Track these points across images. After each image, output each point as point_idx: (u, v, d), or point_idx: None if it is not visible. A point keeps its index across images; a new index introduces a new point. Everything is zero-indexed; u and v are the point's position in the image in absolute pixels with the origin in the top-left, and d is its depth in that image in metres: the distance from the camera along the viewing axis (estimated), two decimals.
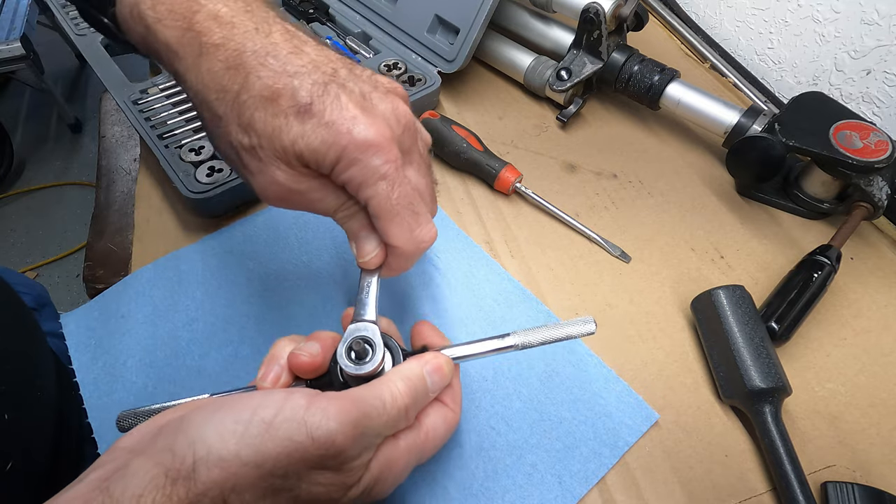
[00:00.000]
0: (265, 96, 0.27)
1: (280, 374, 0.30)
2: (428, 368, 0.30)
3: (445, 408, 0.31)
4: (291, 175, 0.29)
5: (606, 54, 0.57)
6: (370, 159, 0.28)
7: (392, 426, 0.27)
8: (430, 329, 0.34)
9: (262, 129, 0.28)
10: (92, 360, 0.41)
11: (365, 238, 0.31)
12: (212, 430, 0.24)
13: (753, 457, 0.38)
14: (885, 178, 0.47)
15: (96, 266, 0.48)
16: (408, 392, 0.28)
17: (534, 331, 0.32)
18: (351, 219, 0.31)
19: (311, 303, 0.44)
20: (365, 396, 0.26)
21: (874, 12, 0.55)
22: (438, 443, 0.30)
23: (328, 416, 0.24)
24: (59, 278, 1.71)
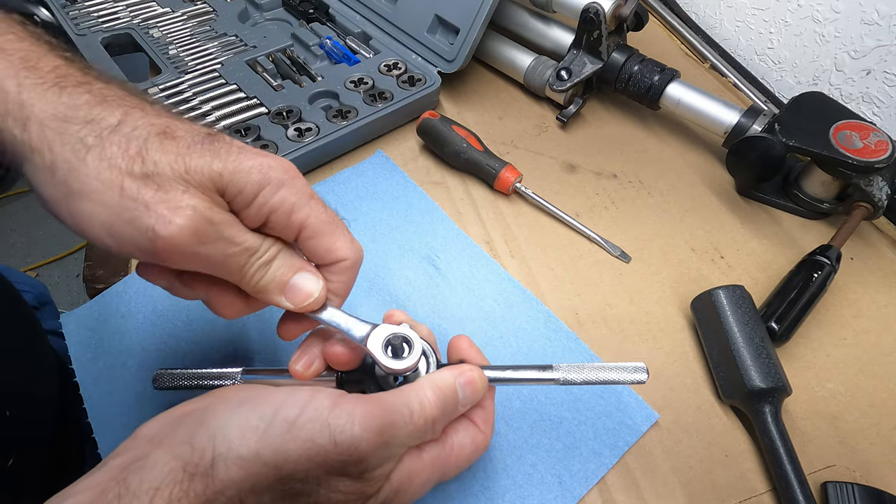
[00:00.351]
0: (157, 131, 0.25)
1: (313, 360, 0.30)
2: (461, 380, 0.28)
3: (475, 428, 0.30)
4: (204, 201, 0.24)
5: (606, 54, 0.57)
6: (296, 181, 0.27)
7: (418, 437, 0.26)
8: (469, 344, 0.33)
9: (159, 157, 0.24)
10: (92, 360, 0.41)
11: (303, 276, 0.28)
12: (233, 426, 0.23)
13: (753, 457, 0.38)
14: (885, 178, 0.47)
15: (96, 266, 0.48)
16: (437, 402, 0.27)
17: (579, 368, 0.30)
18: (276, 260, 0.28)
19: None
20: (393, 402, 0.25)
21: (874, 12, 0.55)
22: (463, 463, 0.29)
23: (353, 420, 0.24)
24: (59, 278, 1.71)
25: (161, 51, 0.62)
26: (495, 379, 0.31)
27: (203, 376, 0.32)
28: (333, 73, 0.59)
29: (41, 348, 0.46)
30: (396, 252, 0.48)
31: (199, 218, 0.24)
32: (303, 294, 0.28)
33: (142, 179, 0.24)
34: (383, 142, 0.58)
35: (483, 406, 0.31)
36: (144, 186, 0.24)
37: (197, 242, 0.24)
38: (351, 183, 0.53)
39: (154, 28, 0.65)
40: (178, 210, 0.24)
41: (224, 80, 0.58)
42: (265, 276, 0.27)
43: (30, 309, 0.49)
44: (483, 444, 0.30)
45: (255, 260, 0.27)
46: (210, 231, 0.25)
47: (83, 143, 0.24)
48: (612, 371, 0.30)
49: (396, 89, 0.58)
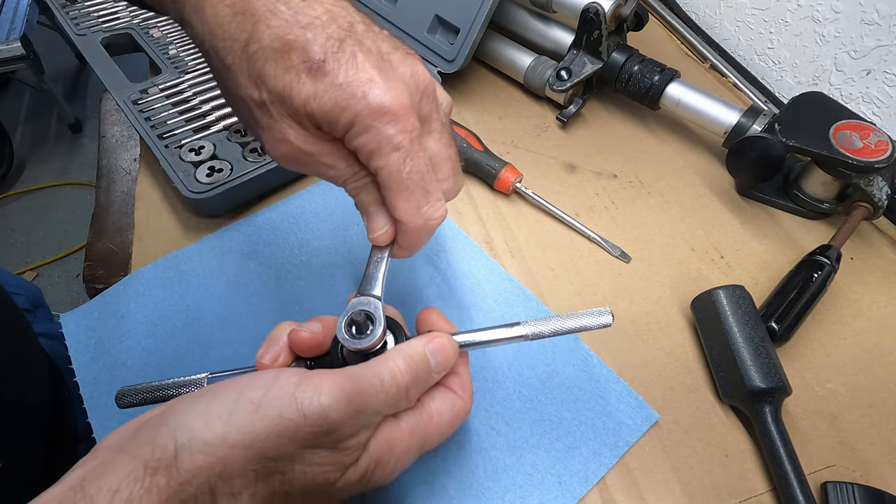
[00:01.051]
0: (276, 48, 0.25)
1: (279, 352, 0.29)
2: (431, 347, 0.28)
3: (453, 394, 0.29)
4: (302, 136, 0.27)
5: (606, 54, 0.57)
6: (384, 127, 0.26)
7: (391, 405, 0.26)
8: (437, 315, 0.32)
9: (272, 85, 0.25)
10: (92, 360, 0.41)
11: (375, 213, 0.29)
12: (195, 416, 0.22)
13: (753, 457, 0.38)
14: (885, 178, 0.47)
15: (96, 266, 0.48)
16: (408, 370, 0.26)
17: (546, 320, 0.30)
18: (362, 191, 0.29)
19: (310, 302, 0.44)
20: (362, 373, 0.25)
21: (874, 12, 0.55)
22: (444, 429, 0.28)
23: (321, 391, 0.23)
24: (59, 278, 1.71)
25: (161, 51, 0.62)
26: (466, 343, 0.30)
27: (167, 386, 0.31)
28: None
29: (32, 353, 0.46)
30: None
31: (295, 150, 0.27)
32: (373, 226, 0.30)
33: (259, 106, 0.27)
34: None
35: (457, 372, 0.30)
36: (262, 112, 0.27)
37: (297, 164, 0.28)
38: None
39: (154, 28, 0.65)
40: (280, 141, 0.27)
41: None
42: (356, 198, 0.30)
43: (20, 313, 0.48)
44: (463, 410, 0.29)
45: (347, 185, 0.29)
46: (305, 159, 0.28)
47: (225, 62, 0.26)
48: (577, 318, 0.30)
49: None
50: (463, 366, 0.31)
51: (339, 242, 0.48)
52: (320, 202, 0.51)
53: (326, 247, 0.48)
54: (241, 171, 0.49)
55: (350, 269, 0.46)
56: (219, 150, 0.51)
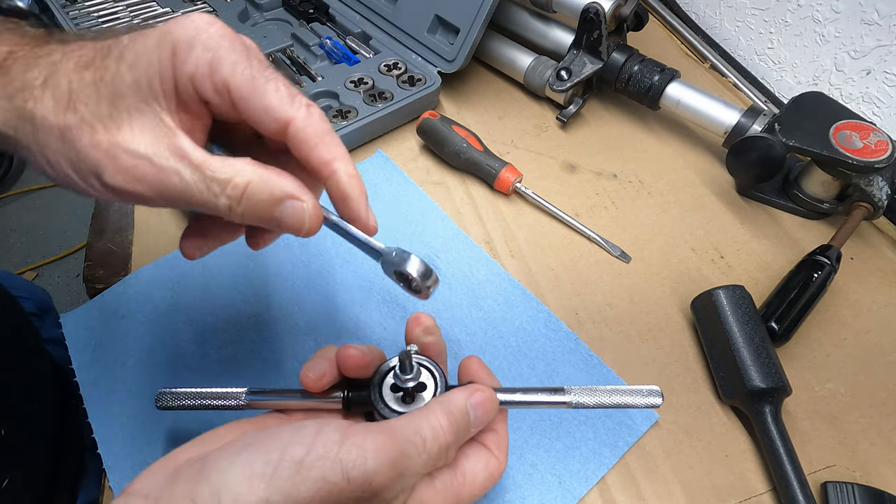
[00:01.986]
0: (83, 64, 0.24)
1: (325, 369, 0.29)
2: (472, 401, 0.27)
3: (488, 452, 0.29)
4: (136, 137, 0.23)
5: (606, 54, 0.57)
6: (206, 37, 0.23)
7: (431, 465, 0.25)
8: (479, 365, 0.31)
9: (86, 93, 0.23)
10: (92, 360, 0.41)
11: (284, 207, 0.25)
12: (237, 476, 0.22)
13: (753, 457, 0.38)
14: (885, 178, 0.47)
15: (96, 266, 0.48)
16: (450, 428, 0.26)
17: (591, 391, 0.30)
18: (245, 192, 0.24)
19: (310, 303, 0.44)
20: (404, 431, 0.24)
21: (874, 12, 0.55)
22: (478, 491, 0.28)
23: (365, 454, 0.23)
24: (59, 278, 1.71)
25: None
26: (506, 402, 0.30)
27: (206, 395, 0.31)
28: (333, 73, 0.59)
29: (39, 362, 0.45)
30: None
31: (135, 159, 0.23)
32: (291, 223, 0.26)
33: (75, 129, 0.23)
34: (383, 142, 0.58)
35: (495, 430, 0.30)
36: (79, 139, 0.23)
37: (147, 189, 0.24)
38: None
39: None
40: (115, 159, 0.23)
41: None
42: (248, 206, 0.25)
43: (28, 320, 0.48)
44: (497, 471, 0.28)
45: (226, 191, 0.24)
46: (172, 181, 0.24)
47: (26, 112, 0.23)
48: (625, 395, 0.30)
49: (396, 89, 0.58)
50: (501, 423, 0.30)
51: (340, 242, 0.48)
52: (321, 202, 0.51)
53: (327, 247, 0.48)
54: None
55: (350, 269, 0.46)
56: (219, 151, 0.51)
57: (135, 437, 0.37)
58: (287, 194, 0.24)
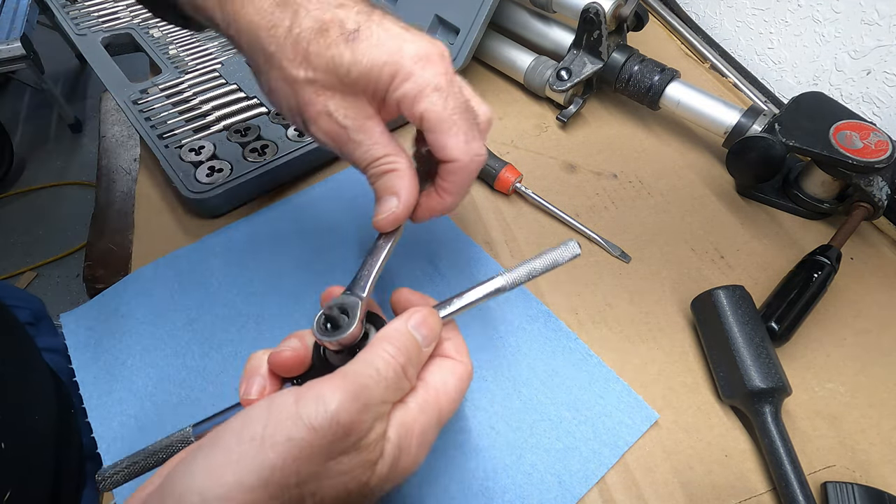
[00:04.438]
0: (316, 28, 0.28)
1: (263, 383, 0.28)
2: (412, 323, 0.27)
3: (451, 360, 0.29)
4: (341, 107, 0.29)
5: (606, 54, 0.57)
6: (422, 72, 0.28)
7: (395, 390, 0.25)
8: (409, 293, 0.32)
9: (316, 62, 0.28)
10: (92, 360, 0.41)
11: (388, 198, 0.30)
12: (199, 475, 0.21)
13: (753, 457, 0.38)
14: (885, 178, 0.47)
15: (96, 266, 0.48)
16: (398, 351, 0.26)
17: (519, 267, 0.30)
18: (385, 176, 0.30)
19: (310, 303, 0.44)
20: (355, 369, 0.24)
21: (874, 12, 0.55)
22: (454, 396, 0.28)
23: (322, 399, 0.22)
24: (59, 278, 1.71)
25: (161, 51, 0.62)
26: (447, 313, 0.30)
27: (153, 452, 0.28)
28: None
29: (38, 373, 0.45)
30: (396, 252, 0.48)
31: (333, 123, 0.29)
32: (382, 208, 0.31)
33: (303, 84, 0.29)
34: None
35: (448, 338, 0.30)
36: (304, 90, 0.29)
37: (333, 141, 0.30)
38: (351, 183, 0.53)
39: (154, 28, 0.65)
40: (320, 115, 0.29)
41: (224, 80, 0.58)
42: (376, 183, 0.31)
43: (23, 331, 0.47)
44: (465, 373, 0.29)
45: (372, 168, 0.30)
46: (342, 134, 0.30)
47: (268, 51, 0.29)
48: (548, 255, 0.30)
49: None
50: (452, 330, 0.31)
51: (339, 242, 0.48)
52: (321, 202, 0.51)
53: (326, 246, 0.48)
54: (241, 171, 0.49)
55: (348, 270, 0.46)
56: (219, 150, 0.51)
57: (135, 437, 0.37)
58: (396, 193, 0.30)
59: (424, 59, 0.28)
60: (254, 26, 0.29)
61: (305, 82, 0.29)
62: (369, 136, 0.30)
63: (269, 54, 0.29)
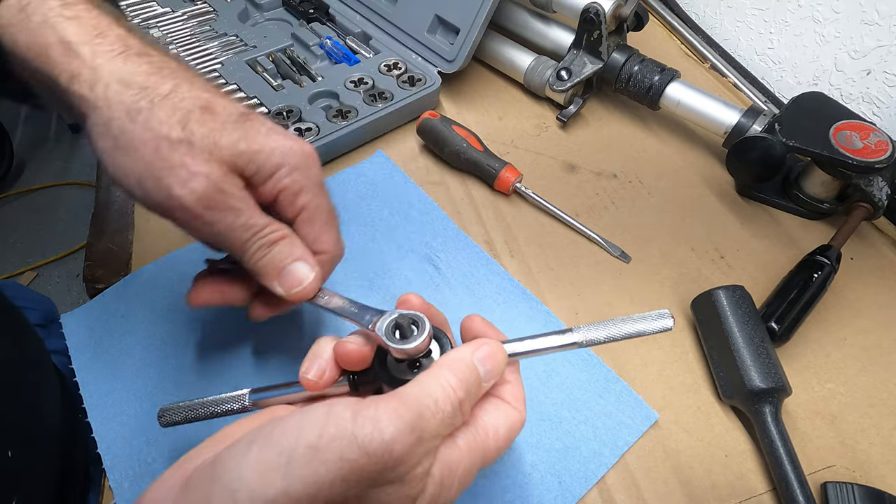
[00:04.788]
0: (200, 104, 0.28)
1: (324, 367, 0.28)
2: (479, 355, 0.26)
3: (505, 405, 0.28)
4: (219, 172, 0.28)
5: (606, 54, 0.57)
6: (307, 168, 0.30)
7: (448, 424, 0.24)
8: (482, 322, 0.31)
9: (197, 129, 0.28)
10: (92, 360, 0.41)
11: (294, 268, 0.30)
12: (250, 471, 0.21)
13: (753, 457, 0.38)
14: (885, 178, 0.47)
15: (96, 266, 0.48)
16: (459, 383, 0.25)
17: (600, 326, 0.29)
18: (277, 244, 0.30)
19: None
20: (415, 394, 0.24)
21: (874, 12, 0.55)
22: (502, 443, 0.27)
23: (380, 425, 0.22)
24: (59, 278, 1.71)
25: None
26: (515, 353, 0.29)
27: (209, 404, 0.30)
28: (333, 73, 0.59)
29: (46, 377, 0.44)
30: (396, 252, 0.48)
31: (211, 185, 0.27)
32: (294, 281, 0.30)
33: (175, 144, 0.27)
34: (383, 142, 0.58)
35: (509, 381, 0.29)
36: (175, 151, 0.27)
37: (205, 207, 0.27)
38: (351, 183, 0.53)
39: (154, 28, 0.65)
40: (195, 176, 0.27)
41: (224, 80, 0.58)
42: (265, 258, 0.30)
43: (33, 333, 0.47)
44: (518, 421, 0.28)
45: (257, 239, 0.29)
46: (219, 199, 0.28)
47: (137, 106, 0.27)
48: (634, 323, 0.28)
49: (396, 89, 0.58)
50: (513, 374, 0.30)
51: None
52: None
53: None
54: None
55: (349, 269, 0.46)
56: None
57: (135, 436, 0.37)
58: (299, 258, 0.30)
59: (309, 156, 0.30)
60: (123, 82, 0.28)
61: (179, 142, 0.27)
62: (248, 206, 0.29)
63: (136, 110, 0.27)
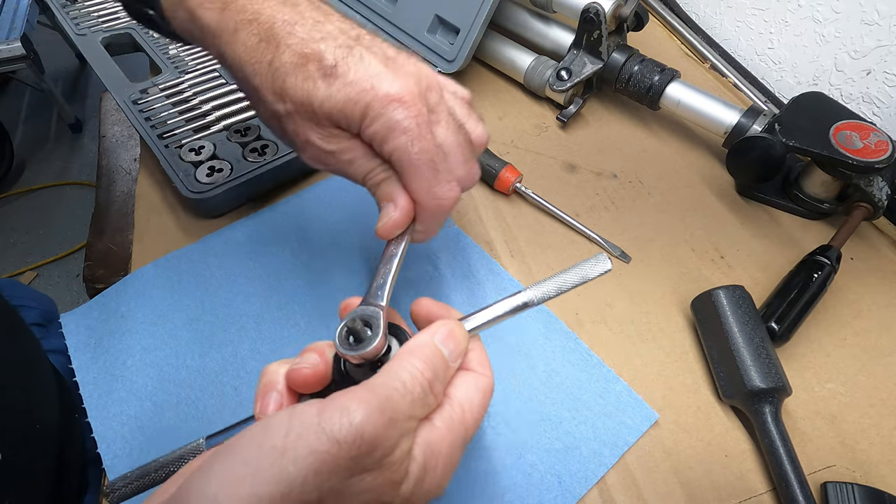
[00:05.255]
0: (295, 63, 0.29)
1: (280, 400, 0.26)
2: (439, 337, 0.27)
3: (474, 374, 0.28)
4: (323, 137, 0.30)
5: (606, 54, 0.57)
6: (393, 113, 0.28)
7: (421, 405, 0.24)
8: (431, 303, 0.31)
9: (293, 95, 0.29)
10: (92, 360, 0.41)
11: (386, 206, 0.31)
12: (216, 483, 0.20)
13: (753, 457, 0.38)
14: (885, 178, 0.47)
15: (96, 266, 0.48)
16: (425, 365, 0.25)
17: (547, 282, 0.29)
18: (380, 185, 0.31)
19: (311, 303, 0.44)
20: (381, 381, 0.23)
21: (874, 12, 0.55)
22: (478, 412, 0.27)
23: (348, 411, 0.21)
24: (59, 278, 1.71)
25: (161, 51, 0.62)
26: (473, 327, 0.29)
27: (164, 464, 0.27)
28: None
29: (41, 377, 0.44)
30: None
31: (319, 151, 0.31)
32: (381, 219, 0.31)
33: (285, 117, 0.30)
34: None
35: (471, 349, 0.29)
36: (288, 122, 0.30)
37: (324, 164, 0.32)
38: (352, 183, 0.53)
39: None
40: (305, 145, 0.31)
41: (224, 80, 0.58)
42: (376, 194, 0.32)
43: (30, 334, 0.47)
44: (488, 385, 0.28)
45: (367, 179, 0.32)
46: (329, 158, 0.31)
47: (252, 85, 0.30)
48: (578, 270, 0.29)
49: None
50: (474, 341, 0.30)
51: (340, 242, 0.48)
52: (321, 202, 0.51)
53: (327, 247, 0.48)
54: (241, 170, 0.49)
55: (349, 270, 0.46)
56: (219, 150, 0.51)
57: (135, 436, 0.37)
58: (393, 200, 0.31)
59: (397, 99, 0.28)
60: (241, 61, 0.30)
61: (286, 115, 0.30)
62: (357, 155, 0.31)
63: (255, 87, 0.30)
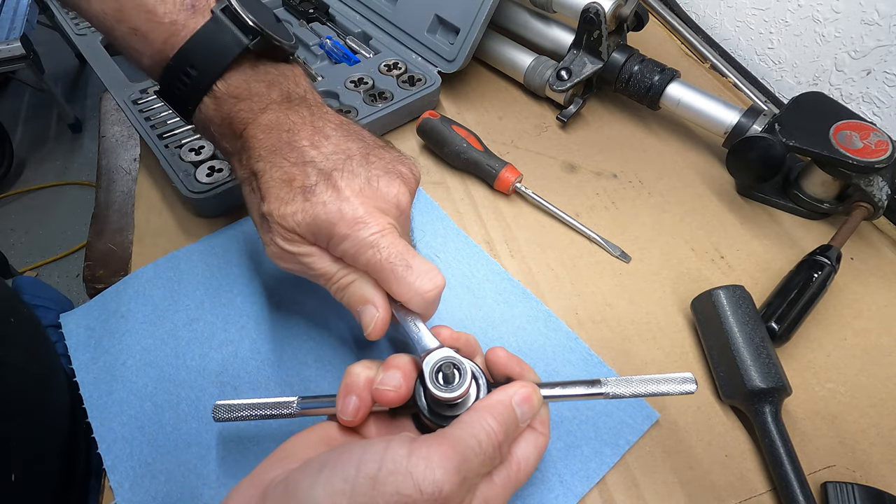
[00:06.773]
0: (283, 179, 0.33)
1: (358, 404, 0.30)
2: (517, 399, 0.29)
3: (535, 433, 0.31)
4: (286, 240, 0.33)
5: (606, 54, 0.57)
6: (359, 233, 0.31)
7: (488, 465, 0.27)
8: (507, 356, 0.34)
9: (272, 203, 0.33)
10: (92, 360, 0.41)
11: (364, 310, 0.33)
12: (321, 493, 0.24)
13: (753, 457, 0.38)
14: (885, 178, 0.47)
15: (96, 266, 0.48)
16: (500, 428, 0.28)
17: (627, 381, 0.31)
18: (347, 289, 0.33)
19: (310, 303, 0.44)
20: (462, 437, 0.26)
21: (874, 12, 0.55)
22: (531, 470, 0.30)
23: (432, 464, 0.24)
24: (59, 278, 1.71)
25: None
26: (547, 396, 0.31)
27: (261, 406, 0.33)
28: (333, 73, 0.59)
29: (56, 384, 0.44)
30: None
31: (280, 251, 0.34)
32: (364, 322, 0.33)
33: (260, 220, 0.35)
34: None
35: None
36: (264, 222, 0.34)
37: (286, 263, 0.35)
38: None
39: None
40: (270, 243, 0.34)
41: None
42: (343, 299, 0.34)
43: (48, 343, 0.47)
44: (544, 444, 0.31)
45: (332, 284, 0.34)
46: (291, 258, 0.34)
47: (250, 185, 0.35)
48: (659, 383, 0.31)
49: (396, 89, 0.58)
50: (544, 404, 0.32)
51: None
52: None
53: None
54: None
55: None
56: (219, 151, 0.51)
57: (135, 436, 0.37)
58: (371, 302, 0.33)
59: (360, 221, 0.31)
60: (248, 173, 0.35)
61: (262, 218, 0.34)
62: (316, 259, 0.33)
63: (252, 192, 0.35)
